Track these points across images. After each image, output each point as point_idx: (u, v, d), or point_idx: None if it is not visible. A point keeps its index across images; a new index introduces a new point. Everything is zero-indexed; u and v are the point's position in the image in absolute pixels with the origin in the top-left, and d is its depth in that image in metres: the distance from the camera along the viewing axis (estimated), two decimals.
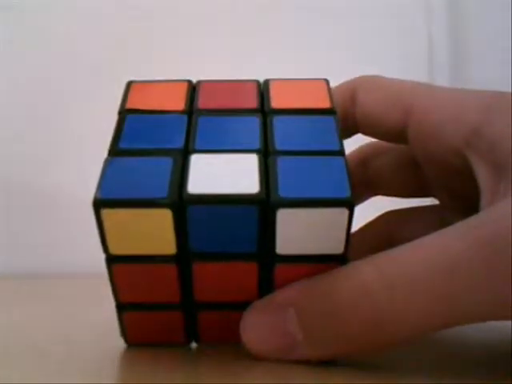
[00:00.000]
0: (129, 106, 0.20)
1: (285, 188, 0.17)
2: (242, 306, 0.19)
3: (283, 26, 0.35)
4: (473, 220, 0.17)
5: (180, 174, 0.17)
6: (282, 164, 0.18)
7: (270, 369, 0.19)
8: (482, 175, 0.18)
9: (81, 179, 0.17)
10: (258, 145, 0.18)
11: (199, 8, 0.36)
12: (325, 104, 0.20)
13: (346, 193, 0.17)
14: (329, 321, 0.18)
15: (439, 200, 0.24)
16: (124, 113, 0.20)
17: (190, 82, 0.21)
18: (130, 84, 0.21)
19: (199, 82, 0.21)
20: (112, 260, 0.18)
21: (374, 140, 0.25)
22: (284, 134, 0.19)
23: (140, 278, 0.18)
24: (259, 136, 0.19)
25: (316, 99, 0.20)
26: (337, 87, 0.22)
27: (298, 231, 0.17)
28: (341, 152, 0.18)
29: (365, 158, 0.25)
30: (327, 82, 0.21)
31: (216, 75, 0.21)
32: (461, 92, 0.20)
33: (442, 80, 0.34)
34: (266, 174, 0.18)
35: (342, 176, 0.18)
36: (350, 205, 0.17)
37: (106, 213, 0.17)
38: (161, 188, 0.17)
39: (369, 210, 0.24)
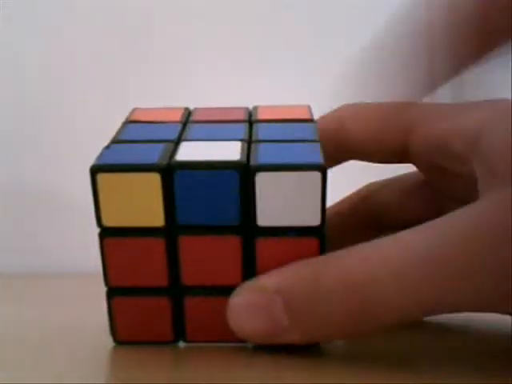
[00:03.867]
0: (130, 119, 0.22)
1: (264, 158, 0.19)
2: (227, 292, 0.20)
3: (283, 36, 0.36)
4: (455, 215, 0.18)
5: (171, 152, 0.19)
6: (262, 146, 0.20)
7: (267, 369, 0.19)
8: (481, 183, 0.19)
9: (81, 179, 0.19)
10: (242, 136, 0.21)
11: (199, 27, 0.37)
12: (305, 116, 0.22)
13: (319, 160, 0.19)
14: (315, 310, 0.19)
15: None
16: (126, 123, 0.22)
17: (187, 108, 0.24)
18: (134, 109, 0.24)
19: (195, 108, 0.24)
20: (104, 232, 0.19)
21: (371, 182, 0.26)
22: (266, 131, 0.21)
23: (130, 254, 0.19)
24: (244, 132, 0.21)
25: (297, 115, 0.23)
26: (321, 118, 0.24)
27: (276, 198, 0.19)
28: (317, 140, 0.20)
29: (365, 195, 0.25)
30: (309, 106, 0.24)
31: (213, 99, 0.24)
32: (456, 106, 0.22)
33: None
34: (248, 152, 0.19)
35: (316, 151, 0.19)
36: (322, 169, 0.18)
37: (100, 177, 0.19)
38: (152, 157, 0.19)
39: None
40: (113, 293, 0.20)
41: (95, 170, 0.19)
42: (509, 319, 0.19)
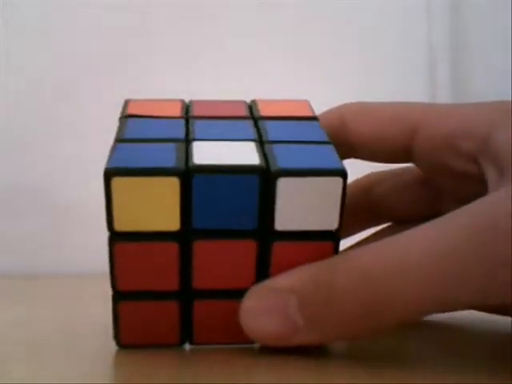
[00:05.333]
0: (129, 112, 0.21)
1: (284, 162, 0.19)
2: (238, 295, 0.19)
3: (282, 37, 0.36)
4: (466, 209, 0.18)
5: (185, 153, 0.19)
6: (277, 148, 0.19)
7: (270, 369, 0.19)
8: (491, 181, 0.20)
9: (81, 179, 0.18)
10: (253, 136, 0.20)
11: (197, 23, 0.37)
12: (308, 114, 0.22)
13: (339, 165, 0.19)
14: (330, 309, 0.19)
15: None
16: (125, 117, 0.21)
17: (183, 100, 0.23)
18: (127, 101, 0.23)
19: (192, 101, 0.23)
20: (115, 237, 0.18)
21: (372, 171, 0.26)
22: (275, 131, 0.21)
23: (140, 259, 0.19)
24: (253, 131, 0.20)
25: (300, 111, 0.22)
26: (322, 115, 0.23)
27: (297, 202, 0.18)
28: (330, 142, 0.20)
29: (366, 186, 0.25)
30: (309, 102, 0.23)
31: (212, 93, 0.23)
32: (462, 106, 0.22)
33: (443, 81, 0.34)
34: (265, 154, 0.19)
35: (332, 154, 0.19)
36: (344, 174, 0.18)
37: (116, 181, 0.18)
38: (168, 160, 0.18)
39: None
40: (120, 297, 0.19)
41: (110, 174, 0.18)
42: (509, 319, 0.20)
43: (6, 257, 0.32)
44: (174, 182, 0.18)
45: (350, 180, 0.25)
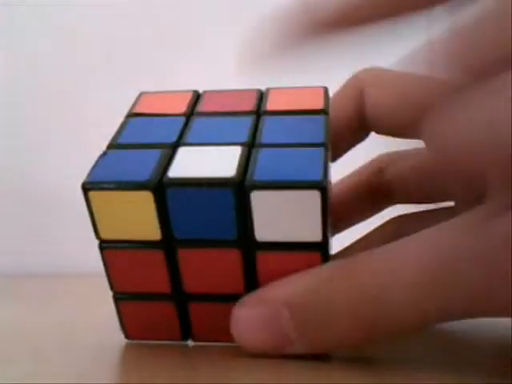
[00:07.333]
0: (135, 111, 0.21)
1: (261, 173, 0.18)
2: (231, 299, 0.19)
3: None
4: (462, 218, 0.17)
5: (165, 163, 0.19)
6: (263, 154, 0.19)
7: (270, 368, 0.19)
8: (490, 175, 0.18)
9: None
10: (244, 139, 0.19)
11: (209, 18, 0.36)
12: (317, 106, 0.21)
13: (319, 176, 0.17)
14: (325, 324, 0.18)
15: (456, 203, 0.23)
16: (129, 116, 0.21)
17: (196, 91, 0.23)
18: (140, 94, 0.23)
19: (204, 92, 0.23)
20: (104, 245, 0.19)
21: (389, 150, 0.25)
22: (272, 130, 0.20)
23: (131, 264, 0.19)
24: (248, 132, 0.20)
25: (310, 103, 0.21)
26: (343, 86, 0.23)
27: (274, 215, 0.18)
28: (323, 144, 0.19)
29: (381, 166, 0.25)
30: (326, 88, 0.22)
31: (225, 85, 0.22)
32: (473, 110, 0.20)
33: None
34: (247, 162, 0.18)
35: (317, 163, 0.18)
36: (321, 187, 0.17)
37: (93, 195, 0.18)
38: (144, 173, 0.18)
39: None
40: (119, 297, 0.20)
41: (87, 188, 0.18)
42: (509, 319, 0.19)
43: (5, 257, 0.33)
44: (147, 195, 0.18)
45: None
